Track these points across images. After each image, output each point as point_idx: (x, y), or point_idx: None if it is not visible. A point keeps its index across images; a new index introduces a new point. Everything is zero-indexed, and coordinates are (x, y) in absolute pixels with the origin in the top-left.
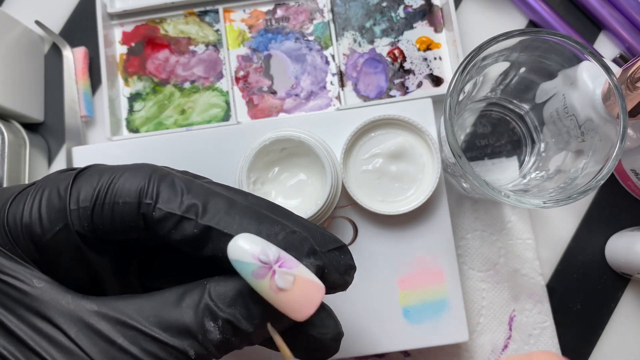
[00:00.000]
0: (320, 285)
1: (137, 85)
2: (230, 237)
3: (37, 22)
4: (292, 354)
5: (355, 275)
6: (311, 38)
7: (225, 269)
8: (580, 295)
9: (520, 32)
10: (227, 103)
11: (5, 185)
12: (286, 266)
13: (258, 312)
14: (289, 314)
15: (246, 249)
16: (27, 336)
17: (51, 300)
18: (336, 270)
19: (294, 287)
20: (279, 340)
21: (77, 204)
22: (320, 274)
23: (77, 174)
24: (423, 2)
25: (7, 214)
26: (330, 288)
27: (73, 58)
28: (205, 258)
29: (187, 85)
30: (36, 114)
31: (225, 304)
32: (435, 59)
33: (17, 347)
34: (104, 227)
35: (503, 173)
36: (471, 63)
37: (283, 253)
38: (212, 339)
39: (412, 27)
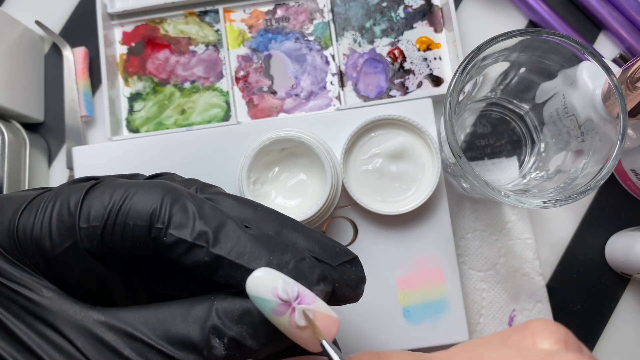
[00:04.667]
0: (335, 318)
1: (137, 85)
2: (240, 267)
3: (37, 22)
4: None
5: None
6: (311, 38)
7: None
8: (580, 295)
9: (520, 32)
10: (227, 103)
11: (5, 184)
12: (305, 302)
13: (264, 331)
14: (306, 347)
15: (266, 285)
16: (35, 344)
17: (59, 310)
18: (347, 285)
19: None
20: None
21: (87, 222)
22: (331, 291)
23: (89, 189)
24: (423, 2)
25: (17, 225)
26: (342, 301)
27: (73, 58)
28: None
29: (187, 85)
30: (36, 114)
31: (232, 321)
32: (435, 59)
33: (25, 355)
34: (113, 246)
35: (503, 173)
36: (471, 63)
37: (301, 288)
38: (217, 354)
39: (412, 27)
